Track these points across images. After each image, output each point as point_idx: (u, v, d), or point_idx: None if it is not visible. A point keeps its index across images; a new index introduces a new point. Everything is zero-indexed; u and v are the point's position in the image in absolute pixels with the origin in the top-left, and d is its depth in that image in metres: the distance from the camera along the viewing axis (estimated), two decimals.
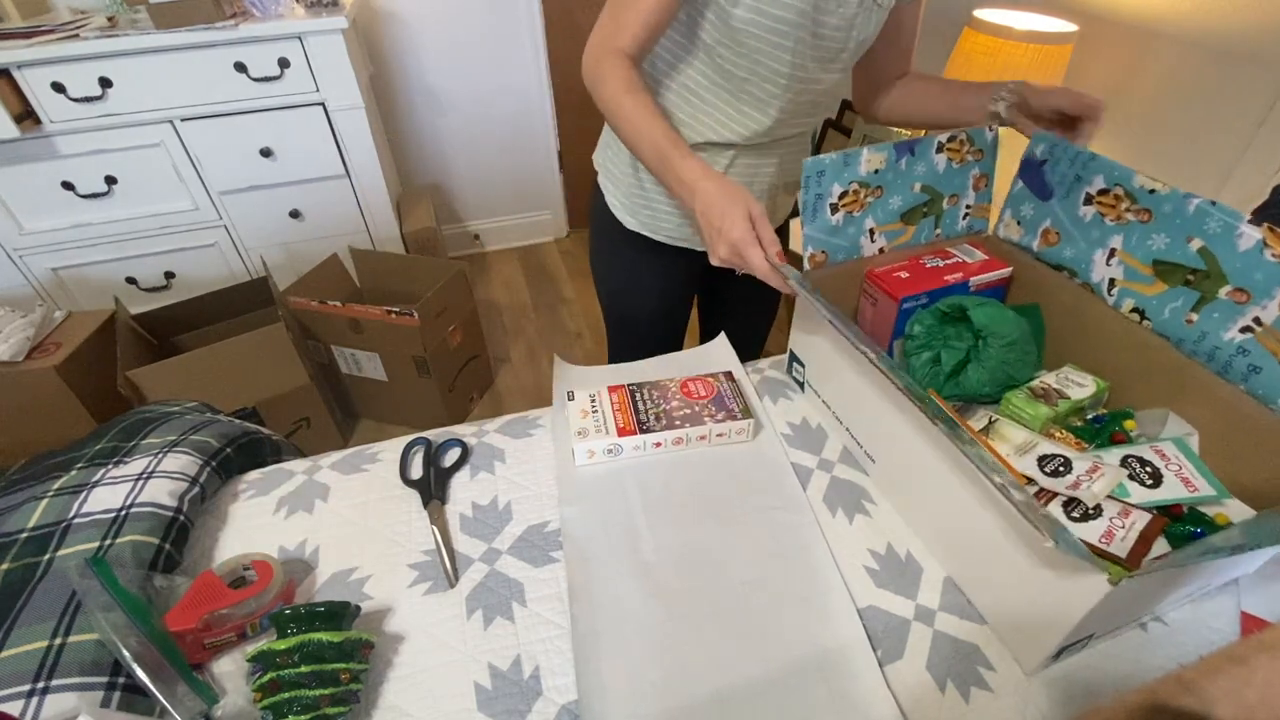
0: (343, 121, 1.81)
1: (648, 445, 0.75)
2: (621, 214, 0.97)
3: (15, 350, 1.41)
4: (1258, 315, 0.59)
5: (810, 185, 0.75)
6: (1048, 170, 0.76)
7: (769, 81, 0.81)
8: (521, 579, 0.63)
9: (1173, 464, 0.61)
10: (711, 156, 0.90)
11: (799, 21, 0.74)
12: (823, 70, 0.82)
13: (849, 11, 0.76)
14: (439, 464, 0.76)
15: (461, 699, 0.54)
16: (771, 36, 0.75)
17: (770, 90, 0.82)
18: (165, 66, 1.60)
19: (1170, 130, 1.34)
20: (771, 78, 0.80)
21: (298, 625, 0.53)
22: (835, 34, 0.78)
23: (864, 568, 0.63)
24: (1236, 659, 0.31)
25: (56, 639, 0.52)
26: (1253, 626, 0.57)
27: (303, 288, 1.72)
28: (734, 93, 0.83)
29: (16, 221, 1.73)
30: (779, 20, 0.74)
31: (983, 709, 0.52)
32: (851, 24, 0.78)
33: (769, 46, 0.76)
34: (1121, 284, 0.70)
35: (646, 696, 0.54)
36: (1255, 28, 1.16)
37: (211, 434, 0.76)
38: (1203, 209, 0.61)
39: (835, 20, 0.76)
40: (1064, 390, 0.71)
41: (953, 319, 0.77)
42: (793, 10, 0.73)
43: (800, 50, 0.77)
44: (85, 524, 0.62)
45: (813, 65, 0.81)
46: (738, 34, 0.76)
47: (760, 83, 0.81)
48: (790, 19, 0.74)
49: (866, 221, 0.81)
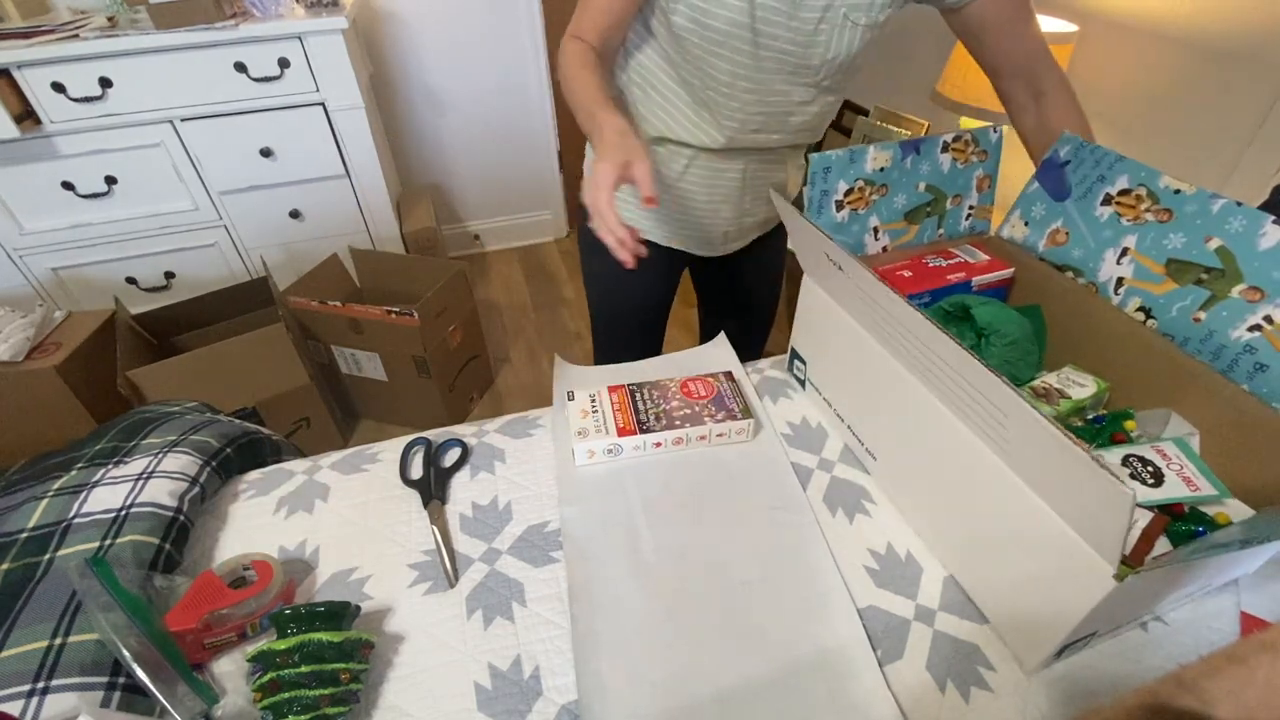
0: (343, 121, 1.81)
1: (648, 445, 0.75)
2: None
3: (15, 350, 1.41)
4: (1269, 313, 0.59)
5: (816, 181, 0.75)
6: (1069, 171, 0.76)
7: (714, 90, 0.81)
8: (521, 579, 0.63)
9: (1174, 463, 0.62)
10: (671, 153, 0.90)
11: (732, 31, 0.74)
12: (788, 84, 0.81)
13: (804, 27, 0.75)
14: (439, 464, 0.75)
15: (461, 699, 0.54)
16: (708, 45, 0.76)
17: (719, 97, 0.81)
18: (165, 66, 1.60)
19: (1170, 130, 1.34)
20: (716, 85, 0.80)
21: (298, 625, 0.53)
22: (791, 48, 0.76)
23: (864, 568, 0.63)
24: (1236, 659, 0.31)
25: (56, 639, 0.52)
26: (1253, 626, 0.56)
27: (303, 288, 1.72)
28: (692, 95, 0.83)
29: (16, 221, 1.73)
30: (712, 30, 0.74)
31: (983, 709, 0.52)
32: (811, 40, 0.76)
33: (707, 55, 0.77)
34: (1130, 283, 0.70)
35: (646, 696, 0.54)
36: (1255, 28, 1.16)
37: (211, 434, 0.76)
38: (1227, 209, 0.62)
39: (785, 34, 0.75)
40: (1065, 390, 0.71)
41: (955, 317, 0.77)
42: (722, 20, 0.73)
43: (739, 60, 0.77)
44: (85, 524, 0.62)
45: (767, 77, 0.79)
46: (680, 40, 0.77)
47: (711, 89, 0.81)
48: (721, 28, 0.74)
49: (871, 219, 0.81)
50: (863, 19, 0.75)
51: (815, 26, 0.75)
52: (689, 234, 1.00)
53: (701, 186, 0.93)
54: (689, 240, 1.01)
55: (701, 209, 0.95)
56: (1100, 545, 0.44)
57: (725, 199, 0.95)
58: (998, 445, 0.51)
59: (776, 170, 0.96)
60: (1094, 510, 0.43)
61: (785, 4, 0.73)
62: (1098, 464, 0.39)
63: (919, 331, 0.54)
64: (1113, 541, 0.42)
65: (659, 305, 1.11)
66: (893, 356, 0.62)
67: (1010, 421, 0.47)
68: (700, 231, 0.99)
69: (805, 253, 0.72)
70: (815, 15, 0.74)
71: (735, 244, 1.04)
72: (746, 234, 1.04)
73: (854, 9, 0.74)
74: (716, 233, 1.00)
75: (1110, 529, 0.42)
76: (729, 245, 1.04)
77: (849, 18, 0.75)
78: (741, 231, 1.02)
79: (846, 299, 0.67)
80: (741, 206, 0.97)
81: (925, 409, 0.59)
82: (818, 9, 0.74)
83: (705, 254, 1.05)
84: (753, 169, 0.93)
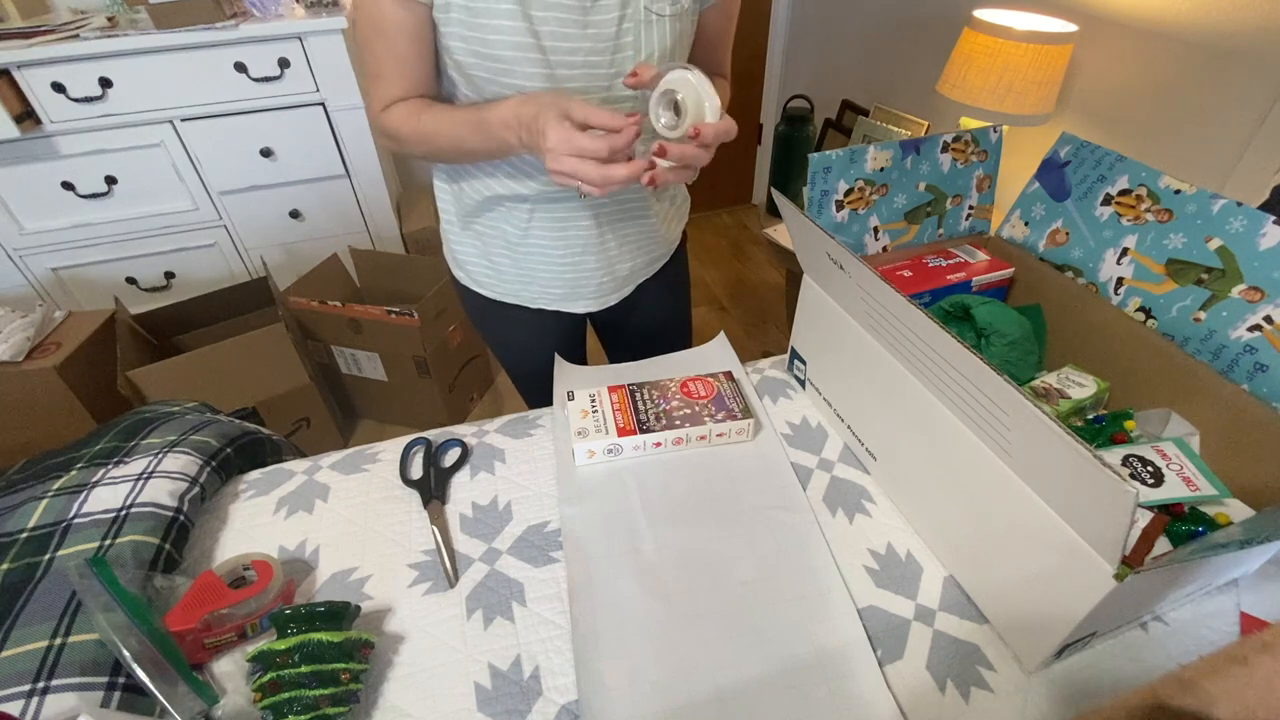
0: (343, 121, 1.81)
1: (648, 445, 0.75)
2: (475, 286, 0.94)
3: (15, 350, 1.41)
4: (1269, 313, 0.59)
5: (816, 181, 0.75)
6: (1069, 171, 0.76)
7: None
8: (521, 579, 0.63)
9: (1174, 463, 0.62)
10: (508, 210, 0.82)
11: (516, 56, 0.66)
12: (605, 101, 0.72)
13: (604, 31, 0.67)
14: (439, 464, 0.75)
15: (461, 699, 0.54)
16: (494, 75, 0.67)
17: None
18: (165, 66, 1.60)
19: (1170, 130, 1.34)
20: None
21: (298, 625, 0.53)
22: (594, 58, 0.68)
23: (864, 568, 0.63)
24: (1236, 659, 0.31)
25: (56, 639, 0.52)
26: (1253, 626, 0.56)
27: (303, 288, 1.72)
28: None
29: (16, 221, 1.73)
30: (493, 58, 0.66)
31: (983, 709, 0.52)
32: (616, 45, 0.68)
33: (500, 87, 0.68)
34: (1130, 283, 0.71)
35: (647, 697, 0.54)
36: (1255, 28, 1.16)
37: (211, 434, 0.76)
38: (1228, 209, 0.62)
39: (583, 45, 0.67)
40: (1065, 390, 0.71)
41: (955, 317, 0.78)
42: (502, 44, 0.65)
43: (535, 86, 0.68)
44: (85, 524, 0.62)
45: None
46: (468, 76, 0.69)
47: None
48: (504, 54, 0.65)
49: (871, 219, 0.81)
50: (667, 9, 0.69)
51: (617, 29, 0.67)
52: (560, 292, 0.90)
53: (553, 240, 0.83)
54: (561, 299, 0.91)
55: (561, 264, 0.86)
56: (1100, 545, 0.44)
57: (585, 249, 0.85)
58: (998, 445, 0.51)
59: (639, 214, 0.86)
60: (1095, 510, 0.43)
61: (572, 12, 0.65)
62: (1101, 463, 0.39)
63: (921, 330, 0.54)
64: (1113, 541, 0.42)
65: (569, 358, 0.96)
66: (893, 356, 0.62)
67: (1012, 421, 0.47)
68: (568, 287, 0.89)
69: (805, 253, 0.71)
70: (612, 17, 0.67)
71: (616, 296, 0.94)
72: (627, 282, 0.94)
73: (654, 0, 0.68)
74: (589, 286, 0.89)
75: (1111, 528, 0.42)
76: (608, 298, 0.93)
77: (651, 9, 0.68)
78: (618, 283, 0.92)
79: (847, 299, 0.67)
80: (607, 255, 0.87)
81: (925, 408, 0.59)
82: (613, 8, 0.66)
83: (585, 310, 0.94)
84: (609, 213, 0.83)
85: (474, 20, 0.64)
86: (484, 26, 0.64)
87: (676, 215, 0.97)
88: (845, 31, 2.36)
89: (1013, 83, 1.37)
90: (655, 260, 0.96)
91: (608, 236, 0.86)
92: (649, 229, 0.90)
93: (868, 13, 2.21)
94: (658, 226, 0.91)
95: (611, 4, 0.66)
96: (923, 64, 1.91)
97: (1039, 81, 1.38)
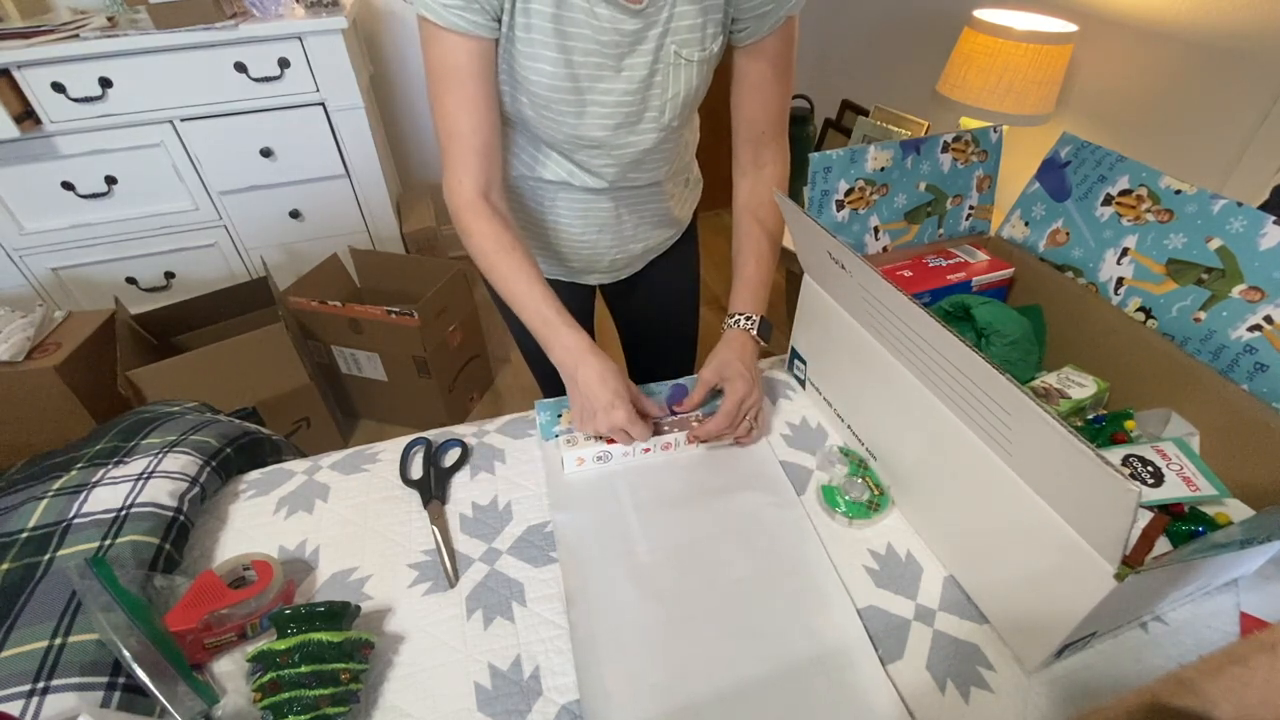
0: (343, 121, 1.81)
1: (636, 451, 0.74)
2: None
3: (15, 350, 1.41)
4: (1269, 313, 0.59)
5: (816, 181, 0.75)
6: (1070, 171, 0.76)
7: (554, 147, 0.78)
8: (521, 579, 0.63)
9: (1174, 463, 0.62)
10: (532, 189, 0.85)
11: (549, 96, 0.70)
12: (629, 135, 0.76)
13: (636, 74, 0.70)
14: (439, 464, 0.75)
15: (461, 699, 0.54)
16: (535, 106, 0.72)
17: (583, 156, 0.78)
18: (165, 66, 1.60)
19: (1170, 130, 1.34)
20: (575, 144, 0.76)
21: (298, 625, 0.53)
22: (626, 98, 0.72)
23: (864, 568, 0.63)
24: (1236, 659, 0.31)
25: (56, 639, 0.52)
26: (1253, 626, 0.56)
27: (303, 288, 1.72)
28: (555, 148, 0.79)
29: (16, 221, 1.73)
30: (527, 92, 0.70)
31: (983, 709, 0.52)
32: (646, 85, 0.72)
33: (516, 105, 0.73)
34: (1130, 283, 0.70)
35: (648, 699, 0.54)
36: (1255, 28, 1.16)
37: (211, 434, 0.76)
38: (1228, 209, 0.62)
39: (619, 87, 0.71)
40: (1065, 390, 0.71)
41: (955, 317, 0.78)
42: (541, 86, 0.69)
43: (566, 122, 0.73)
44: (85, 524, 0.62)
45: (606, 135, 0.75)
46: (521, 111, 0.74)
47: (565, 150, 0.78)
48: (537, 94, 0.70)
49: (871, 219, 0.81)
50: (695, 54, 0.71)
51: (649, 72, 0.71)
52: (575, 266, 0.96)
53: (574, 218, 0.88)
54: (575, 271, 0.97)
55: (578, 241, 0.91)
56: (1101, 545, 0.44)
57: (602, 228, 0.90)
58: (999, 444, 0.51)
59: (655, 197, 0.91)
60: (1096, 510, 0.43)
61: (609, 58, 0.68)
62: (1104, 462, 0.39)
63: (922, 329, 0.54)
64: (1114, 541, 0.42)
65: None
66: (893, 356, 0.62)
67: (1014, 420, 0.47)
68: (583, 262, 0.95)
69: (806, 252, 0.71)
70: (645, 60, 0.70)
71: (627, 270, 1.01)
72: (638, 259, 1.00)
73: (684, 45, 0.70)
74: (603, 261, 0.95)
75: (1112, 528, 0.42)
76: (619, 273, 1.00)
77: (680, 54, 0.70)
78: (630, 259, 0.98)
79: (847, 298, 0.67)
80: (622, 234, 0.92)
81: (926, 408, 0.59)
82: (647, 53, 0.69)
83: (596, 283, 1.02)
84: (626, 198, 0.88)
85: (520, 60, 0.68)
86: (527, 67, 0.68)
87: (690, 197, 1.01)
88: (845, 31, 2.36)
89: (1013, 83, 1.37)
90: (667, 239, 1.01)
91: (624, 216, 0.90)
92: (663, 210, 0.94)
93: (868, 13, 2.21)
94: (672, 208, 0.95)
95: (647, 49, 0.69)
96: (923, 64, 1.91)
97: (1039, 81, 1.38)
